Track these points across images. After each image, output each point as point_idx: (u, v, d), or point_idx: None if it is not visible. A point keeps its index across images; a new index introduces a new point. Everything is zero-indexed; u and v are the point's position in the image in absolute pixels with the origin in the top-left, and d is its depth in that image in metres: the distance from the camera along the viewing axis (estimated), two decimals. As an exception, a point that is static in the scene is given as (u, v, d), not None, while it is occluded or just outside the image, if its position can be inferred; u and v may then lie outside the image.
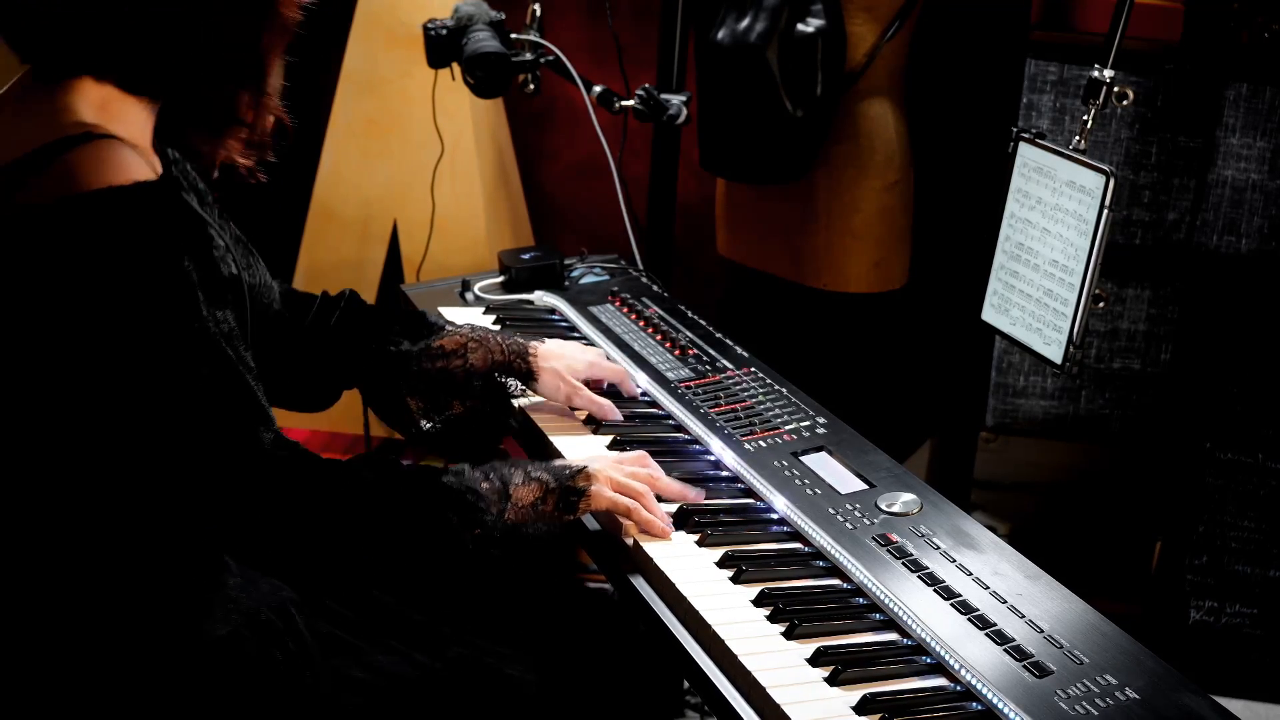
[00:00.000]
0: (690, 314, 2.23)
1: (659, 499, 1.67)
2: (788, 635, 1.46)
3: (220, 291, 1.50)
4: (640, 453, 1.73)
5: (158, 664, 1.50)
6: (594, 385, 1.95)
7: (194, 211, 1.53)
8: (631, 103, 2.47)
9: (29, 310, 1.37)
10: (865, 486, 1.73)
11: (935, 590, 1.51)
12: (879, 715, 1.35)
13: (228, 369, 1.42)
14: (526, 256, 2.38)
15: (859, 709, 1.35)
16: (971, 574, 1.55)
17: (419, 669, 1.63)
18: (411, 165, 3.33)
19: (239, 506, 1.43)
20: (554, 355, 1.92)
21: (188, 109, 1.51)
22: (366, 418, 3.09)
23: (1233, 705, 1.46)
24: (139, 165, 1.40)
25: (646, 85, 2.50)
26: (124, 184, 1.36)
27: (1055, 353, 1.87)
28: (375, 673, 1.61)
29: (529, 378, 1.92)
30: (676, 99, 2.49)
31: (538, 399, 1.96)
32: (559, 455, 1.81)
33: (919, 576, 1.54)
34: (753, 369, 2.05)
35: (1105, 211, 1.79)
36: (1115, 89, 1.89)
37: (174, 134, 1.54)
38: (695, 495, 1.69)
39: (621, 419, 1.90)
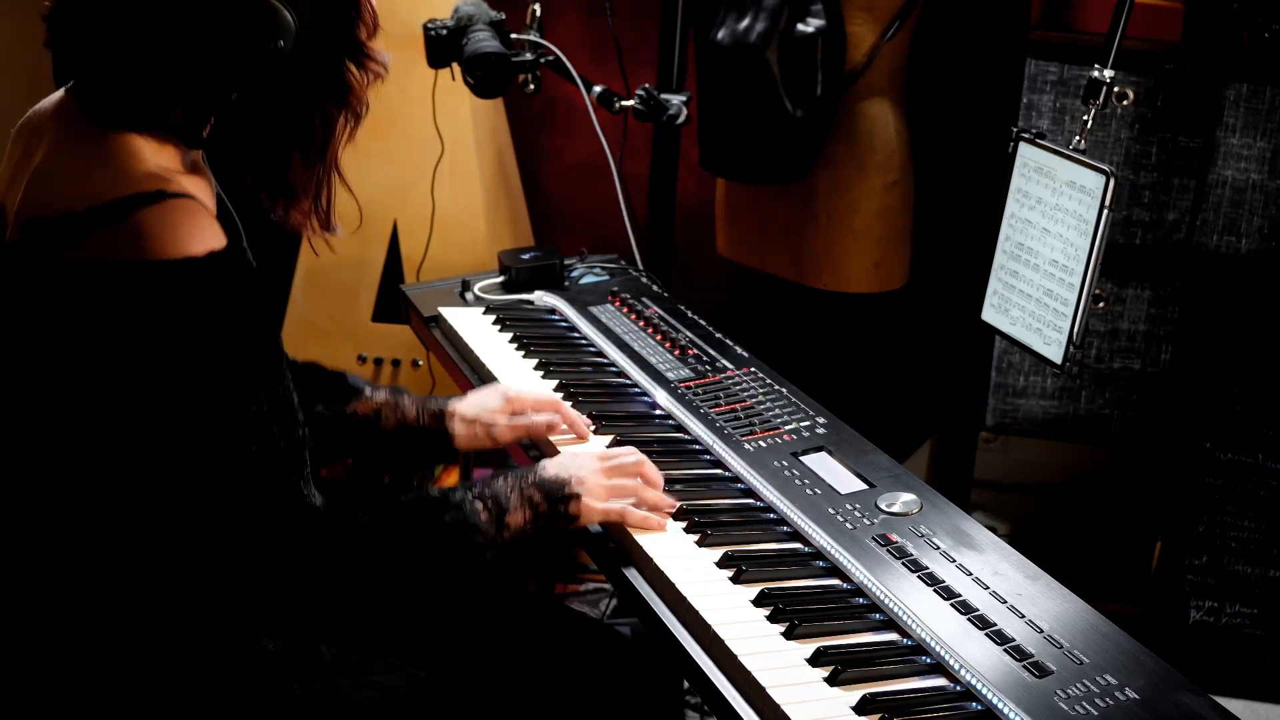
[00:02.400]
0: (690, 314, 2.23)
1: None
2: (788, 635, 1.46)
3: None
4: (629, 448, 1.72)
5: (208, 684, 1.50)
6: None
7: (256, 273, 1.50)
8: (631, 103, 2.47)
9: (86, 365, 1.36)
10: (865, 486, 1.73)
11: (935, 590, 1.51)
12: (879, 715, 1.35)
13: (292, 424, 1.43)
14: (526, 256, 2.38)
15: (859, 709, 1.35)
16: (971, 574, 1.55)
17: (416, 682, 1.63)
18: (411, 165, 3.33)
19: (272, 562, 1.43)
20: (471, 405, 1.88)
21: (246, 165, 1.52)
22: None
23: (1233, 705, 1.46)
24: (209, 228, 1.39)
25: (646, 85, 2.50)
26: (198, 255, 1.35)
27: (1055, 353, 1.87)
28: (380, 690, 1.61)
29: (446, 439, 1.87)
30: (676, 99, 2.49)
31: None
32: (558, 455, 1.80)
33: (919, 576, 1.54)
34: (753, 369, 2.04)
35: (1105, 211, 1.79)
36: (1115, 89, 1.89)
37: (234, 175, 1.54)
38: (670, 505, 1.68)
39: (543, 433, 1.85)
